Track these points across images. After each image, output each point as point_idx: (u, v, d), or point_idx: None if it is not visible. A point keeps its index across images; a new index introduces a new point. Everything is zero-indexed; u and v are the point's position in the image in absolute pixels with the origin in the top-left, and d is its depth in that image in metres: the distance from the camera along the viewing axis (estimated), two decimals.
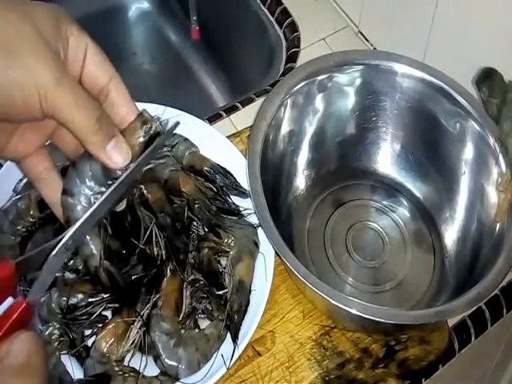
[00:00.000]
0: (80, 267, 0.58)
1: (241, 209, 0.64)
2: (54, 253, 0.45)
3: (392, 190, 0.72)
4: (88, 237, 0.52)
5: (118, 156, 0.46)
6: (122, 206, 0.55)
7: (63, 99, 0.42)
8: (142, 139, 0.49)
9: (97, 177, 0.50)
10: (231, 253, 0.60)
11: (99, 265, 0.53)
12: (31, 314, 0.40)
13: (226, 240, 0.60)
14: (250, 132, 0.63)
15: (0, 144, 0.46)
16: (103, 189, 0.50)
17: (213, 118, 0.75)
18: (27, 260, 0.44)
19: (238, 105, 0.77)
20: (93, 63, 0.46)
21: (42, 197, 0.55)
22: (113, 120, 0.48)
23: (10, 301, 0.41)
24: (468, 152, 0.65)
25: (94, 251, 0.52)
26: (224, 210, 0.63)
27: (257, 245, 0.61)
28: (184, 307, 0.57)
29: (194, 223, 0.61)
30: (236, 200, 0.64)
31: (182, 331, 0.56)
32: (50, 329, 0.55)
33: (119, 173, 0.49)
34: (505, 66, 0.62)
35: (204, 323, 0.58)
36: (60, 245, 0.46)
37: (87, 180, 0.50)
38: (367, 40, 0.84)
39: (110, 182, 0.50)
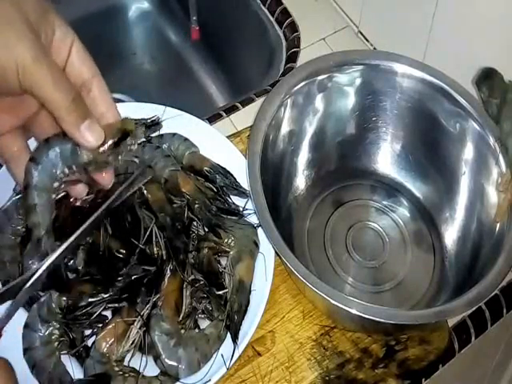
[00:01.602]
0: (80, 267, 0.58)
1: (241, 209, 0.64)
2: (27, 285, 0.47)
3: (392, 190, 0.72)
4: (40, 207, 0.53)
5: (90, 136, 0.49)
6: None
7: (40, 76, 0.45)
8: (113, 136, 0.51)
9: (64, 156, 0.52)
10: (231, 253, 0.60)
11: (41, 237, 0.53)
12: None
13: (225, 240, 0.60)
14: (250, 132, 0.63)
15: None
16: (66, 170, 0.52)
17: (213, 118, 0.75)
18: (3, 292, 0.47)
19: (238, 105, 0.77)
20: (77, 58, 0.49)
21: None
22: (94, 111, 0.51)
23: None
24: (468, 152, 0.65)
25: (41, 221, 0.53)
26: (224, 210, 0.63)
27: (257, 245, 0.61)
28: (184, 307, 0.57)
29: (194, 223, 0.61)
30: (236, 200, 0.64)
31: (182, 331, 0.56)
32: (50, 329, 0.55)
33: (85, 158, 0.51)
34: (505, 66, 0.62)
35: (204, 323, 0.58)
36: (34, 278, 0.48)
37: (55, 155, 0.52)
38: (367, 40, 0.84)
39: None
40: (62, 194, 0.61)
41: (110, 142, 0.51)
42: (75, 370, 0.55)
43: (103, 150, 0.51)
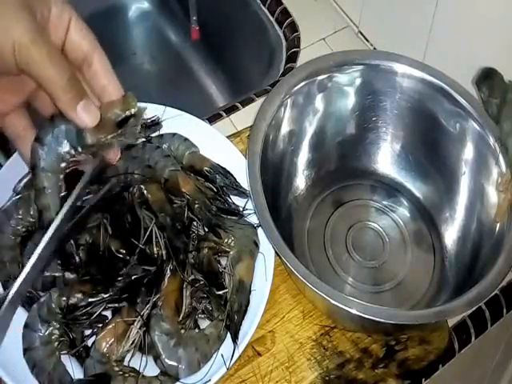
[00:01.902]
0: (80, 268, 0.58)
1: (241, 209, 0.64)
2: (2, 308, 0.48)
3: (392, 190, 0.72)
4: (49, 189, 0.53)
5: (86, 117, 0.49)
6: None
7: (36, 55, 0.45)
8: (116, 117, 0.52)
9: (70, 136, 0.52)
10: (231, 253, 0.60)
11: (52, 219, 0.53)
12: None
13: (225, 240, 0.60)
14: (250, 132, 0.63)
15: None
16: (72, 151, 0.52)
17: (213, 118, 0.75)
18: None
19: (238, 105, 0.77)
20: (77, 33, 0.50)
21: None
22: (94, 89, 0.52)
23: None
24: (468, 152, 0.65)
25: (51, 205, 0.54)
26: (224, 210, 0.63)
27: (257, 245, 0.61)
28: (184, 307, 0.57)
29: (194, 223, 0.61)
30: (236, 200, 0.64)
31: (182, 331, 0.56)
32: (50, 329, 0.55)
33: (89, 139, 0.51)
34: (505, 66, 0.62)
35: (204, 323, 0.58)
36: (6, 303, 0.48)
37: (60, 135, 0.52)
38: (367, 40, 0.84)
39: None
40: (62, 194, 0.61)
41: (111, 121, 0.51)
42: (75, 370, 0.55)
43: (106, 132, 0.51)
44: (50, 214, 0.54)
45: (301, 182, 0.70)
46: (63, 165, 0.53)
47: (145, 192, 0.61)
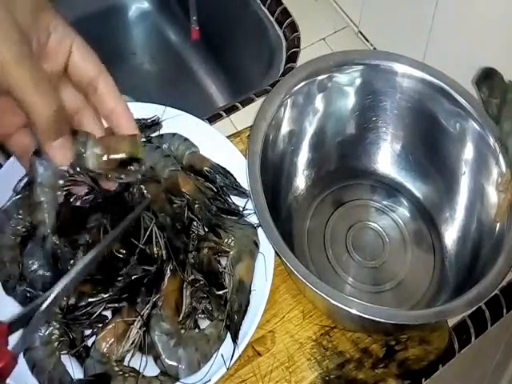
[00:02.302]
0: None
1: (241, 209, 0.64)
2: (41, 309, 0.46)
3: (392, 189, 0.72)
4: (45, 204, 0.53)
5: (58, 155, 0.49)
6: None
7: (20, 79, 0.44)
8: (121, 156, 0.52)
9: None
10: (231, 253, 0.60)
11: (47, 234, 0.54)
12: (13, 365, 0.43)
13: (225, 240, 0.60)
14: (250, 132, 0.63)
15: None
16: (71, 170, 0.52)
17: (213, 118, 0.75)
18: (18, 318, 0.46)
19: (238, 105, 0.77)
20: (80, 57, 0.49)
21: None
22: (101, 112, 0.51)
23: None
24: (468, 152, 0.65)
25: (46, 220, 0.54)
26: (224, 210, 0.63)
27: (257, 245, 0.61)
28: (184, 307, 0.57)
29: (194, 223, 0.61)
30: (236, 200, 0.64)
31: (182, 331, 0.56)
32: (50, 329, 0.55)
33: (89, 164, 0.52)
34: (505, 66, 0.62)
35: (204, 323, 0.58)
36: (47, 302, 0.47)
37: None
38: (367, 40, 0.84)
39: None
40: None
41: (115, 160, 0.52)
42: (75, 370, 0.55)
43: (108, 165, 0.52)
44: (45, 229, 0.54)
45: (301, 182, 0.70)
46: (61, 182, 0.53)
47: (145, 192, 0.61)
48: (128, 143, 0.53)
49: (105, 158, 0.53)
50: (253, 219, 0.62)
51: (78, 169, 0.53)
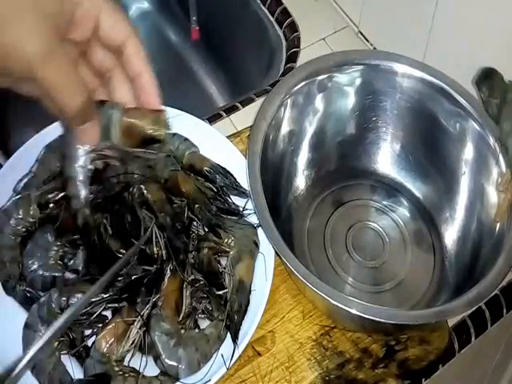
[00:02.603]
0: (80, 268, 0.58)
1: (241, 209, 0.64)
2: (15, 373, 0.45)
3: (392, 189, 0.72)
4: (81, 178, 0.53)
5: (85, 138, 0.50)
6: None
7: (49, 74, 0.44)
8: (144, 133, 0.51)
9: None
10: (231, 253, 0.60)
11: (79, 209, 0.55)
12: None
13: (225, 240, 0.60)
14: (250, 132, 0.63)
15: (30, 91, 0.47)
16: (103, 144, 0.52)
17: (213, 118, 0.75)
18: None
19: (238, 105, 0.77)
20: (107, 24, 0.48)
21: (40, 198, 0.60)
22: (128, 74, 0.51)
23: None
24: (468, 152, 0.65)
25: (81, 194, 0.54)
26: (224, 210, 0.63)
27: (257, 245, 0.61)
28: (184, 307, 0.57)
29: (194, 223, 0.61)
30: (236, 200, 0.64)
31: (182, 331, 0.56)
32: None
33: (114, 140, 0.52)
34: (505, 66, 0.62)
35: (204, 323, 0.58)
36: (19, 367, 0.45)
37: None
38: (367, 40, 0.84)
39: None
40: (62, 194, 0.61)
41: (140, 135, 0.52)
42: (75, 370, 0.55)
43: (131, 140, 0.52)
44: (79, 203, 0.54)
45: (301, 182, 0.70)
46: (93, 155, 0.53)
47: (145, 192, 0.61)
48: (152, 121, 0.53)
49: (129, 133, 0.52)
50: (253, 219, 0.62)
51: (104, 143, 0.52)
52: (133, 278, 0.57)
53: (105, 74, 0.52)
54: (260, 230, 0.61)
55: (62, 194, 0.61)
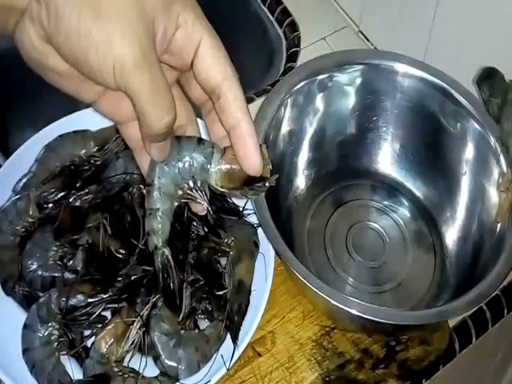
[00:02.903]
0: (79, 268, 0.58)
1: (241, 209, 0.63)
2: None
3: (392, 189, 0.71)
4: (160, 212, 0.48)
5: (155, 154, 0.44)
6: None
7: (138, 84, 0.39)
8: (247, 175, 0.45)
9: (194, 166, 0.47)
10: (231, 253, 0.60)
11: (159, 246, 0.49)
12: None
13: (226, 240, 0.60)
14: None
15: (89, 97, 0.44)
16: (191, 183, 0.47)
17: None
18: None
19: None
20: (204, 57, 0.43)
21: (39, 198, 0.59)
22: (223, 123, 0.44)
23: None
24: (469, 152, 0.65)
25: (160, 229, 0.48)
26: (224, 210, 0.63)
27: (257, 245, 0.61)
28: (184, 307, 0.56)
29: (194, 223, 0.61)
30: (236, 200, 0.64)
31: (182, 332, 0.56)
32: (50, 329, 0.55)
33: (213, 178, 0.46)
34: (505, 66, 0.62)
35: (204, 324, 0.58)
36: None
37: (184, 161, 0.46)
38: (368, 39, 0.84)
39: None
40: (62, 194, 0.61)
41: (242, 177, 0.46)
42: (75, 371, 0.55)
43: (231, 182, 0.46)
44: (157, 239, 0.49)
45: (301, 182, 0.70)
46: (180, 193, 0.48)
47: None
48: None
49: (229, 176, 0.46)
50: (253, 219, 0.62)
51: (199, 183, 0.47)
52: (132, 278, 0.57)
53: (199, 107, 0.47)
54: (260, 230, 0.61)
55: (61, 194, 0.61)
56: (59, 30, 0.37)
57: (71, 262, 0.58)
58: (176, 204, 0.49)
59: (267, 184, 0.46)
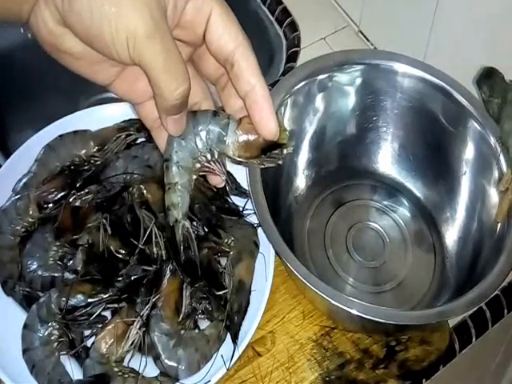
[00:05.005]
0: (79, 268, 0.58)
1: (241, 209, 0.63)
2: None
3: (392, 189, 0.71)
4: (179, 186, 0.48)
5: (171, 128, 0.44)
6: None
7: (151, 55, 0.39)
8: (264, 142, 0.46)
9: (211, 138, 0.47)
10: (231, 253, 0.60)
11: (179, 219, 0.49)
12: None
13: (225, 240, 0.60)
14: None
15: (105, 79, 0.44)
16: (209, 156, 0.47)
17: None
18: None
19: None
20: (216, 28, 0.43)
21: (39, 198, 0.59)
22: (238, 91, 0.45)
23: None
24: (469, 152, 0.65)
25: (180, 203, 0.48)
26: (224, 210, 0.63)
27: (257, 245, 0.61)
28: (184, 307, 0.56)
29: (194, 223, 0.61)
30: (236, 200, 0.64)
31: (182, 332, 0.56)
32: (50, 329, 0.55)
33: (230, 149, 0.46)
34: (505, 66, 0.62)
35: (204, 324, 0.58)
36: None
37: (201, 134, 0.47)
38: (368, 39, 0.84)
39: None
40: (62, 194, 0.61)
41: (260, 145, 0.46)
42: (74, 371, 0.55)
43: (249, 151, 0.46)
44: (178, 214, 0.49)
45: (301, 182, 0.70)
46: (198, 166, 0.48)
47: (145, 192, 0.60)
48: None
49: (246, 145, 0.46)
50: (253, 219, 0.62)
51: (216, 154, 0.47)
52: (132, 278, 0.57)
53: (214, 83, 0.48)
54: (260, 230, 0.61)
55: (61, 194, 0.61)
56: (73, 10, 0.38)
57: (71, 262, 0.58)
58: (194, 177, 0.49)
59: (285, 151, 0.46)
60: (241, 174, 0.63)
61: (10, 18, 0.40)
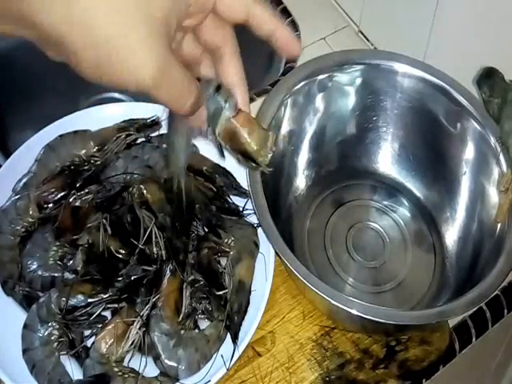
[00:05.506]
0: (79, 268, 0.58)
1: (241, 209, 0.63)
2: None
3: (392, 189, 0.71)
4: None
5: (195, 123, 0.46)
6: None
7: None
8: (247, 149, 0.47)
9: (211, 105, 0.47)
10: (231, 253, 0.60)
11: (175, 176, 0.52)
12: None
13: (225, 240, 0.60)
14: None
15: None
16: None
17: None
18: None
19: None
20: (211, 22, 0.47)
21: (39, 198, 0.59)
22: (262, 33, 0.49)
23: None
24: (469, 152, 0.65)
25: (180, 162, 0.51)
26: (224, 210, 0.63)
27: (257, 245, 0.61)
28: (184, 307, 0.56)
29: (194, 223, 0.61)
30: (236, 200, 0.64)
31: (182, 332, 0.56)
32: (50, 329, 0.55)
33: (216, 130, 0.47)
34: (505, 66, 0.62)
35: (204, 324, 0.58)
36: None
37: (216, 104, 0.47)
38: (368, 39, 0.84)
39: None
40: (62, 194, 0.61)
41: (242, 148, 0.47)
42: (74, 371, 0.55)
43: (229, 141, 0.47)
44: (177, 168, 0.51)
45: (301, 182, 0.70)
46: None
47: (145, 192, 0.60)
48: (259, 141, 0.47)
49: (233, 135, 0.47)
50: (253, 219, 0.62)
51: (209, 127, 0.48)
52: (132, 278, 0.57)
53: (214, 51, 0.50)
54: (260, 230, 0.61)
55: (61, 194, 0.61)
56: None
57: (71, 261, 0.58)
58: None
59: (259, 169, 0.48)
60: (241, 174, 0.64)
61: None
